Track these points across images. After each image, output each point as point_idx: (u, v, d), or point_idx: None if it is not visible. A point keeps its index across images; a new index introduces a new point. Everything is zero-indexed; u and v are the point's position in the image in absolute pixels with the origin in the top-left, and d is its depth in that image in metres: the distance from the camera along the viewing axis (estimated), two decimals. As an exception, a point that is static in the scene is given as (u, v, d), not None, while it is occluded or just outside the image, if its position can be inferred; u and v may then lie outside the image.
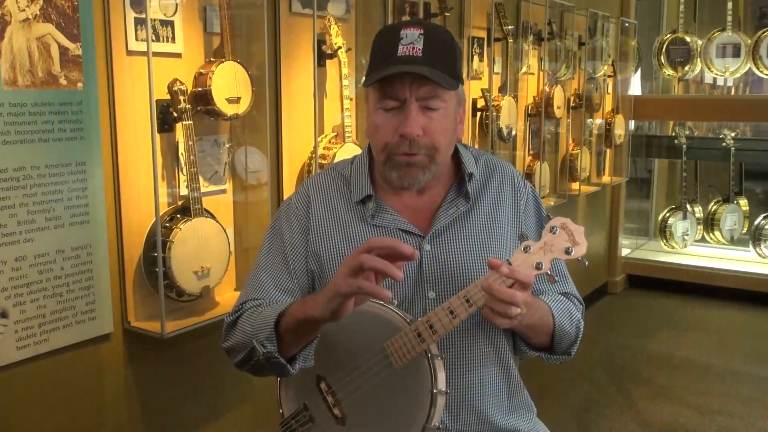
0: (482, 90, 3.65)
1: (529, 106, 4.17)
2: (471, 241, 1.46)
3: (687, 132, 6.18)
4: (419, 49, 1.34)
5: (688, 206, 5.96)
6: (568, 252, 1.28)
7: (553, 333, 1.45)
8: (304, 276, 1.49)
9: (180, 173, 2.23)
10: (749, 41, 5.55)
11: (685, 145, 5.91)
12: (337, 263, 1.43)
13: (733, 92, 6.27)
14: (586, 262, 1.30)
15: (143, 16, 2.03)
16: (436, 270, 1.43)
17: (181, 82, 2.11)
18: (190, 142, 2.12)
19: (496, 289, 1.25)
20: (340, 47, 2.59)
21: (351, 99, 2.72)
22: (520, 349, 1.52)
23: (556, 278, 1.37)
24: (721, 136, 5.87)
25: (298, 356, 1.35)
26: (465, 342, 1.44)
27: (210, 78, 2.16)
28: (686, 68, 5.82)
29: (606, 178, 5.49)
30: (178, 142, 2.21)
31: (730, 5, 5.57)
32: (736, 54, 5.62)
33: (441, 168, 1.45)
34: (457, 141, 1.50)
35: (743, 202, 5.92)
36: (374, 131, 1.42)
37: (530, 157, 4.21)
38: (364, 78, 1.45)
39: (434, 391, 1.30)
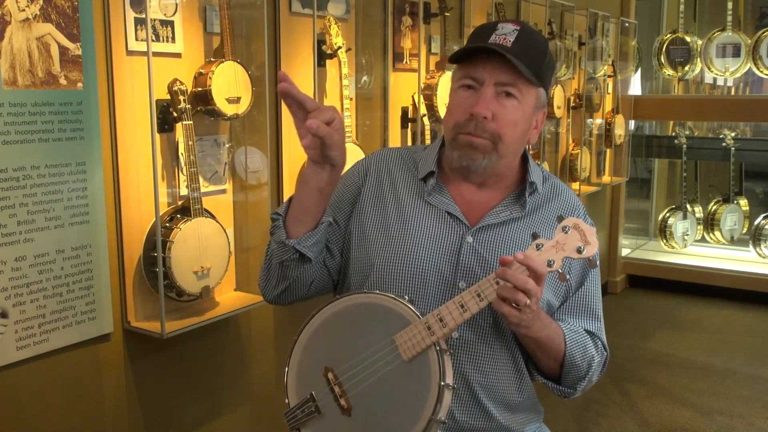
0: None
1: (529, 106, 4.16)
2: (512, 247, 1.47)
3: (687, 132, 6.17)
4: (510, 41, 1.39)
5: (688, 206, 5.96)
6: (579, 251, 1.31)
7: (562, 360, 1.46)
8: (342, 229, 1.54)
9: (180, 173, 2.23)
10: (749, 41, 5.54)
11: (685, 145, 5.91)
12: (381, 228, 1.49)
13: (733, 92, 6.27)
14: (598, 262, 1.33)
15: (143, 16, 2.03)
16: (472, 263, 1.45)
17: (181, 82, 2.11)
18: (190, 142, 2.12)
19: (510, 274, 1.27)
20: (340, 47, 2.59)
21: (351, 99, 2.72)
22: (529, 371, 1.53)
23: (568, 277, 1.39)
24: (721, 136, 5.87)
25: (307, 237, 1.40)
26: (482, 341, 1.46)
27: (210, 78, 2.16)
28: (686, 68, 5.82)
29: (606, 178, 5.48)
30: (178, 142, 2.21)
31: (730, 5, 5.57)
32: (736, 54, 5.62)
33: (504, 164, 1.46)
34: (528, 147, 1.52)
35: (743, 202, 5.92)
36: (448, 113, 1.46)
37: (530, 157, 4.20)
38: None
39: (442, 384, 1.31)
